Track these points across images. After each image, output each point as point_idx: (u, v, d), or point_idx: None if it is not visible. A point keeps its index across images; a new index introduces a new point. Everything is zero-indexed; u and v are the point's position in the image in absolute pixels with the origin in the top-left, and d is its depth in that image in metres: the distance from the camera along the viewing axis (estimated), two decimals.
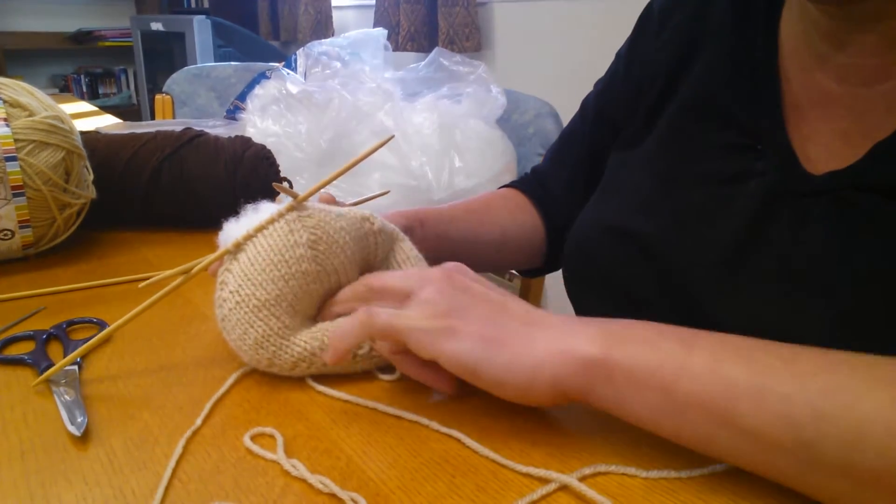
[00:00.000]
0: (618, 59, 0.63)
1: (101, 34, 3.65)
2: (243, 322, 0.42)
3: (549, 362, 0.35)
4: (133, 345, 0.48)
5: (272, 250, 0.42)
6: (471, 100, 1.18)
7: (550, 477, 0.34)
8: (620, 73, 0.61)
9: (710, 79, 0.51)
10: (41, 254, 0.63)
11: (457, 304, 0.38)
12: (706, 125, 0.50)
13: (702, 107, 0.51)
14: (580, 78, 1.82)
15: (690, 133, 0.51)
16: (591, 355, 0.35)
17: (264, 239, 0.43)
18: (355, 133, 1.14)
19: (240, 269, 0.43)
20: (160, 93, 1.46)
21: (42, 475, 0.34)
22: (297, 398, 0.41)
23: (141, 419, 0.39)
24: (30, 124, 0.59)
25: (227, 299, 0.42)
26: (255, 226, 0.43)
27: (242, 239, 0.43)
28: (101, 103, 3.53)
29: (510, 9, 1.98)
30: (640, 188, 0.53)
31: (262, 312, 0.42)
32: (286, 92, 1.20)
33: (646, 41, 0.58)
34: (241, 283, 0.42)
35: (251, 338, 0.42)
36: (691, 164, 0.50)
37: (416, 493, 0.33)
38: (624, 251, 0.52)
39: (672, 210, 0.50)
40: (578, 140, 0.67)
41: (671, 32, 0.56)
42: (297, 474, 0.34)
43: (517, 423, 0.38)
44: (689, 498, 0.33)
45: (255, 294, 0.42)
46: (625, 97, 0.60)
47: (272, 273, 0.42)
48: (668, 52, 0.55)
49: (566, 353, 0.35)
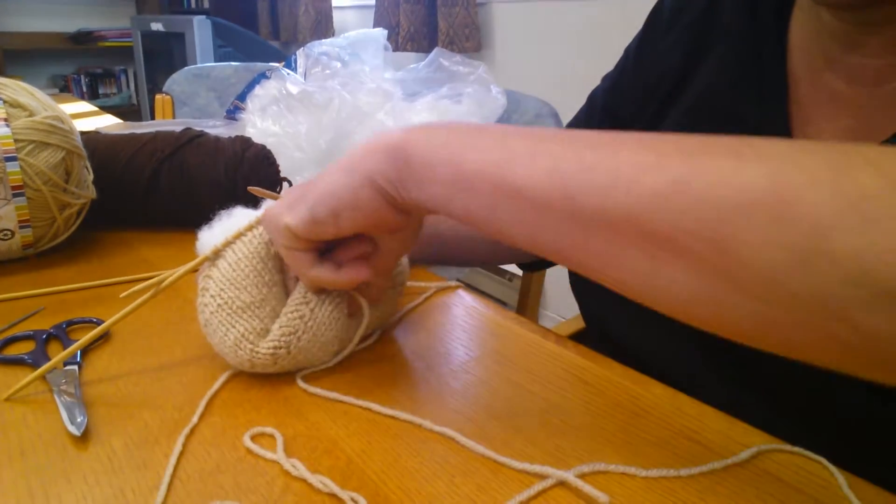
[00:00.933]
0: (626, 54, 0.62)
1: (101, 34, 3.65)
2: (224, 324, 0.42)
3: (361, 163, 0.37)
4: (133, 345, 0.48)
5: (254, 255, 0.43)
6: (471, 100, 1.18)
7: (547, 472, 0.34)
8: (629, 69, 0.61)
9: (718, 79, 0.51)
10: (41, 254, 0.63)
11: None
12: (713, 125, 0.50)
13: (709, 107, 0.51)
14: (580, 78, 1.82)
15: (697, 133, 0.51)
16: (392, 142, 0.37)
17: (244, 245, 0.43)
18: (355, 133, 1.14)
19: (220, 274, 0.43)
20: (160, 93, 1.46)
21: (42, 475, 0.34)
22: (297, 398, 0.41)
23: (141, 419, 0.39)
24: (30, 124, 0.59)
25: (209, 304, 0.43)
26: (235, 232, 0.44)
27: (222, 245, 0.44)
28: (101, 103, 3.53)
29: (510, 9, 1.98)
30: None
31: (245, 314, 0.42)
32: (286, 92, 1.20)
33: (655, 38, 0.58)
34: (223, 287, 0.43)
35: (231, 339, 0.42)
36: None
37: (416, 493, 0.33)
38: None
39: None
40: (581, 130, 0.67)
41: (681, 31, 0.56)
42: (297, 474, 0.34)
43: (516, 422, 0.38)
44: (689, 498, 0.33)
45: (238, 297, 0.43)
46: (632, 94, 0.60)
47: (255, 278, 0.43)
48: (677, 51, 0.55)
49: (372, 148, 0.37)
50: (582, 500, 0.33)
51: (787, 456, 0.36)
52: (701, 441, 0.37)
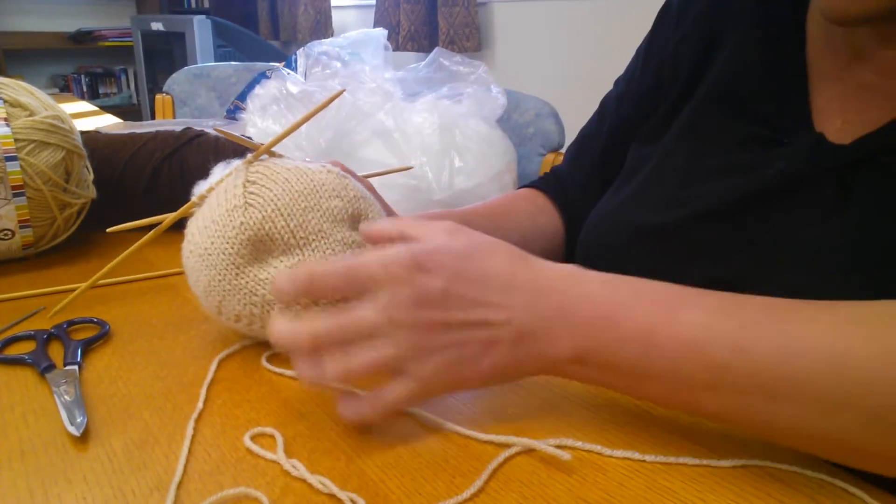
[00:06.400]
0: (637, 56, 0.62)
1: (101, 34, 3.65)
2: (196, 269, 0.44)
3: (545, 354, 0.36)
4: (133, 345, 0.48)
5: (219, 199, 0.44)
6: (471, 100, 1.18)
7: (512, 441, 0.34)
8: (639, 71, 0.60)
9: (732, 71, 0.50)
10: (41, 254, 0.63)
11: (414, 344, 0.34)
12: (729, 119, 0.50)
13: (725, 100, 0.50)
14: (580, 78, 1.83)
15: (712, 127, 0.51)
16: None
17: (216, 192, 0.45)
18: (355, 133, 1.14)
19: (195, 221, 0.45)
20: (160, 93, 1.46)
21: (42, 475, 0.34)
22: (297, 398, 0.41)
23: (141, 419, 0.39)
24: (30, 124, 0.59)
25: (185, 247, 0.45)
26: (218, 178, 0.46)
27: (206, 191, 0.46)
28: (101, 103, 3.53)
29: (510, 9, 1.98)
30: (659, 182, 0.53)
31: (209, 259, 0.43)
32: (286, 92, 1.20)
33: (665, 36, 0.57)
34: (196, 231, 0.45)
35: (202, 283, 0.44)
36: (713, 158, 0.50)
37: (416, 493, 0.33)
38: (641, 245, 0.51)
39: (693, 202, 0.49)
40: (595, 141, 0.66)
41: (691, 25, 0.55)
42: (297, 474, 0.34)
43: (506, 410, 0.38)
44: (689, 498, 0.33)
45: (202, 242, 0.44)
46: (644, 95, 0.59)
47: (219, 222, 0.43)
48: (688, 46, 0.54)
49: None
50: None
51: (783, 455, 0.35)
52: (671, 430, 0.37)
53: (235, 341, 0.47)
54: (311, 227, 0.43)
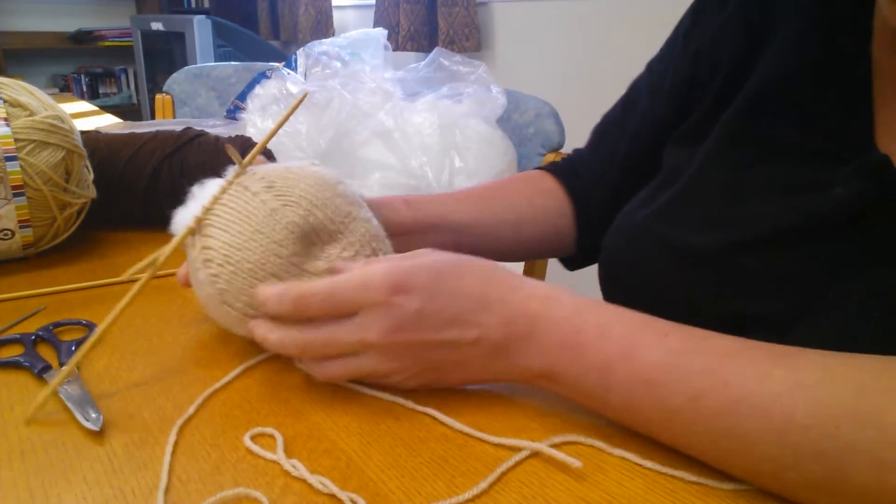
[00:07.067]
0: (675, 37, 0.56)
1: (101, 34, 3.65)
2: (242, 289, 0.41)
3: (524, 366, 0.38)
4: (133, 345, 0.48)
5: (240, 213, 0.42)
6: (471, 100, 1.18)
7: (522, 445, 0.34)
8: (676, 58, 0.55)
9: (785, 68, 0.44)
10: (41, 254, 0.63)
11: (388, 362, 0.39)
12: (778, 125, 0.44)
13: (773, 103, 0.45)
14: (580, 78, 1.83)
15: (759, 133, 0.45)
16: None
17: (226, 206, 0.42)
18: (355, 133, 1.14)
19: (217, 242, 0.42)
20: (160, 93, 1.46)
21: (42, 475, 0.34)
22: (297, 398, 0.41)
23: (141, 419, 0.39)
24: (30, 124, 0.59)
25: (221, 273, 0.41)
26: (211, 198, 0.43)
27: (203, 213, 0.43)
28: (101, 103, 3.53)
29: (510, 9, 1.98)
30: (698, 196, 0.47)
31: (265, 268, 0.41)
32: (286, 92, 1.20)
33: (702, 28, 0.52)
34: (228, 252, 0.41)
35: None
36: (761, 172, 0.44)
37: (416, 493, 0.33)
38: (673, 267, 0.46)
39: (736, 224, 0.44)
40: (616, 128, 0.62)
41: (732, 16, 0.49)
42: (297, 474, 0.34)
43: (509, 408, 0.38)
44: (688, 498, 0.33)
45: (247, 258, 0.41)
46: (677, 90, 0.54)
47: (262, 231, 0.41)
48: (729, 39, 0.49)
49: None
50: None
51: None
52: None
53: (236, 341, 0.47)
54: (341, 212, 0.44)
